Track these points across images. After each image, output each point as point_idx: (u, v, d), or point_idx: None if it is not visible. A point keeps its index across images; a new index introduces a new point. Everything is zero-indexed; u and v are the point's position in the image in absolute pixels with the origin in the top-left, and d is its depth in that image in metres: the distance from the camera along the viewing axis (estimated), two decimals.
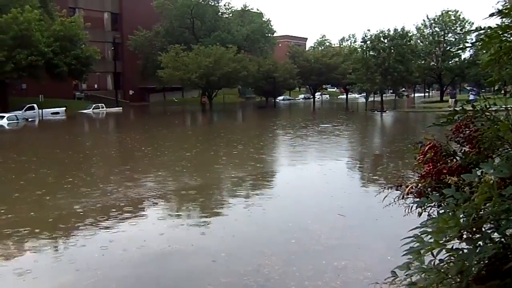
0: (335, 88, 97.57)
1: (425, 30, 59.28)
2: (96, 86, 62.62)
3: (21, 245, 7.80)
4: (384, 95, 48.74)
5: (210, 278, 6.33)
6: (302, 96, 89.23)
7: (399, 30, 44.35)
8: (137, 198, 10.84)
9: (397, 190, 2.54)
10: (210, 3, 60.90)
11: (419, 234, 1.83)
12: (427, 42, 58.59)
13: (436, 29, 58.44)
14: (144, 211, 9.94)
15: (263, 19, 64.57)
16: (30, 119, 39.21)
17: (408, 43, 45.57)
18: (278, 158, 18.74)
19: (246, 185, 12.54)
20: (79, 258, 7.10)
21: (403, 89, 64.18)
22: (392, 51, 43.56)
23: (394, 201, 2.55)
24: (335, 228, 8.48)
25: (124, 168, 15.92)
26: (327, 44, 75.47)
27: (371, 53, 44.80)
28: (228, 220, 9.13)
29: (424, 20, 59.38)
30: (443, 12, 57.92)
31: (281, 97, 75.10)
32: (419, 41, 57.54)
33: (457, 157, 2.31)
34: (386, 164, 15.94)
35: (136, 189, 11.79)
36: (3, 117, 36.09)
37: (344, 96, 77.59)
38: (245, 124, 37.61)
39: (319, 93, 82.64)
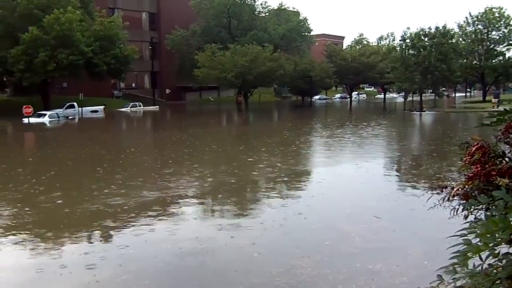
0: (373, 87, 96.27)
1: (467, 28, 57.45)
2: (133, 85, 63.78)
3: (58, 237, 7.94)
4: (423, 94, 47.61)
5: (242, 278, 6.25)
6: (338, 95, 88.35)
7: (440, 28, 43.19)
8: (173, 196, 10.85)
9: (441, 192, 2.35)
10: (246, 2, 60.97)
11: (466, 236, 1.71)
12: (469, 40, 56.77)
13: (479, 26, 56.53)
14: (178, 209, 9.89)
15: (300, 17, 64.21)
16: (70, 117, 40.19)
17: (450, 41, 44.28)
18: (313, 158, 18.53)
19: (280, 184, 12.37)
20: (116, 253, 7.17)
21: (443, 88, 62.58)
22: (433, 49, 42.44)
23: (439, 203, 2.35)
24: (370, 230, 8.23)
25: (165, 165, 16.05)
26: (365, 42, 74.31)
27: (410, 51, 43.82)
28: (261, 219, 9.01)
29: (466, 18, 57.59)
30: (487, 9, 56.00)
31: (317, 97, 74.56)
32: (461, 39, 55.82)
33: (506, 159, 2.17)
34: (425, 165, 15.42)
35: (174, 187, 11.85)
36: (45, 114, 37.12)
37: (382, 96, 76.42)
38: (281, 123, 37.40)
39: (356, 92, 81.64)
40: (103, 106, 46.37)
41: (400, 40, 45.99)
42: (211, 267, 6.69)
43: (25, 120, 34.90)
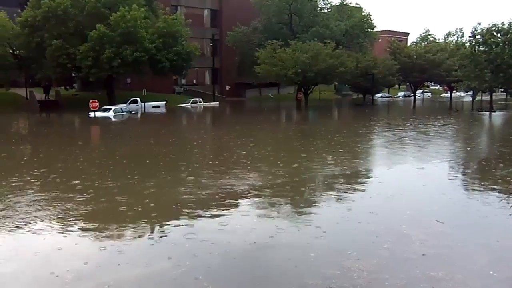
0: (438, 86, 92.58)
1: None
2: (194, 81, 64.90)
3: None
4: (493, 93, 45.12)
5: (296, 278, 6.10)
6: (401, 93, 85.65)
7: None
8: (232, 192, 10.89)
9: None
10: None
11: None
12: None
13: None
14: (235, 205, 9.87)
15: (363, 13, 62.52)
16: (133, 112, 41.39)
17: None
18: (375, 157, 17.99)
19: (339, 184, 12.01)
20: (171, 247, 7.28)
21: None
22: (506, 46, 39.97)
23: None
24: (432, 235, 7.74)
25: (229, 161, 16.16)
26: (431, 39, 71.28)
27: (481, 48, 41.47)
28: (318, 219, 8.78)
29: None
30: None
31: (379, 95, 72.65)
32: None
33: None
34: (495, 169, 14.43)
35: (236, 182, 11.91)
36: (110, 109, 38.45)
37: (448, 95, 73.33)
38: (342, 121, 36.64)
39: (421, 90, 78.81)
40: (165, 102, 47.46)
41: (469, 37, 43.78)
42: (264, 265, 6.57)
43: (91, 114, 36.29)
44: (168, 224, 8.41)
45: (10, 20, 41.73)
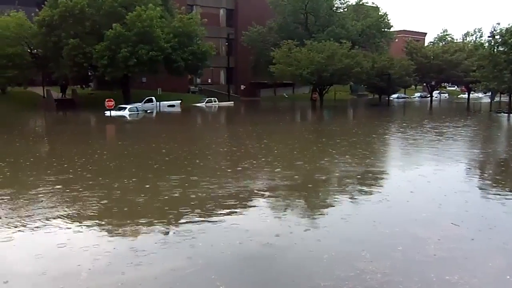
0: (455, 86, 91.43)
1: None
2: (209, 80, 65.06)
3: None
4: None
5: (308, 280, 6.01)
6: (418, 94, 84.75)
7: None
8: (250, 191, 10.86)
9: None
10: None
11: None
12: None
13: None
14: (249, 206, 9.80)
15: (379, 13, 62.05)
16: (148, 111, 41.61)
17: None
18: (391, 158, 17.79)
19: (354, 185, 11.85)
20: (184, 245, 7.23)
21: None
22: None
23: None
24: (447, 237, 7.57)
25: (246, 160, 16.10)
26: (449, 39, 70.34)
27: (500, 48, 40.79)
28: (332, 220, 8.68)
29: None
30: None
31: (395, 95, 72.00)
32: None
33: None
34: None
35: (253, 182, 11.90)
36: (125, 108, 38.70)
37: (466, 96, 72.37)
38: (359, 122, 36.25)
39: (437, 91, 77.89)
40: (179, 101, 47.66)
41: (488, 37, 43.16)
42: (277, 266, 6.50)
43: (107, 113, 36.54)
44: (184, 222, 8.38)
45: (28, 20, 42.30)
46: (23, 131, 27.87)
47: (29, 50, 43.61)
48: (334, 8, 62.32)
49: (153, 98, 44.86)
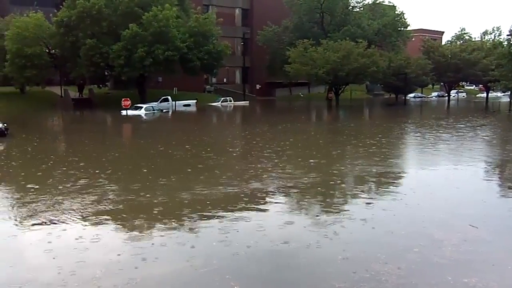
0: (473, 85, 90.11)
1: None
2: (225, 80, 65.13)
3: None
4: None
5: (323, 281, 6.00)
6: (435, 93, 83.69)
7: None
8: (258, 191, 10.86)
9: None
10: None
11: None
12: None
13: None
14: (263, 206, 9.79)
15: (396, 12, 61.39)
16: (164, 110, 41.81)
17: None
18: (409, 158, 17.65)
19: (370, 186, 11.80)
20: (197, 245, 7.28)
21: None
22: None
23: None
24: (465, 240, 7.47)
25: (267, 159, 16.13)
26: (467, 38, 69.27)
27: None
28: (348, 221, 8.61)
29: None
30: None
31: (411, 95, 71.22)
32: None
33: None
34: None
35: (265, 181, 11.85)
36: (141, 107, 38.93)
37: (484, 95, 71.27)
38: (375, 121, 35.92)
39: (455, 90, 76.83)
40: (195, 100, 47.81)
41: (507, 35, 42.75)
42: (292, 267, 6.47)
43: (123, 112, 36.79)
44: (199, 222, 8.43)
45: (46, 20, 42.81)
46: (46, 129, 28.17)
47: (47, 50, 44.13)
48: (350, 7, 61.94)
49: (169, 97, 45.04)
